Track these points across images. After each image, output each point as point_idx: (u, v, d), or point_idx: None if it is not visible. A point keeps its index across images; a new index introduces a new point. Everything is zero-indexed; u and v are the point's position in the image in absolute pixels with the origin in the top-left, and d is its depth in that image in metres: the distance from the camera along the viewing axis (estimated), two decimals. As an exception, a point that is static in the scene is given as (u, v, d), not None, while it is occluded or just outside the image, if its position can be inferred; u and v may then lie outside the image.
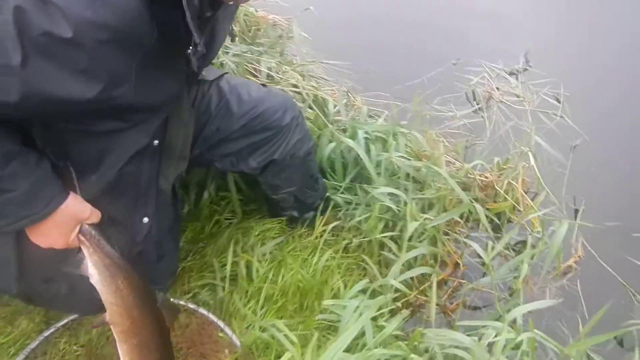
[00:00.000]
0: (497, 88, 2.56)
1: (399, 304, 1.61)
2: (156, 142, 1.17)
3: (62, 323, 1.47)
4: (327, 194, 1.81)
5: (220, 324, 1.48)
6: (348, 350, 1.28)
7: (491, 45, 2.83)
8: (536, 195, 1.98)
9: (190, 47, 1.00)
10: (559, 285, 1.77)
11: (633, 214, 2.08)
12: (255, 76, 2.10)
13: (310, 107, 2.05)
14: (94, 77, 0.89)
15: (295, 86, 2.06)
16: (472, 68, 2.68)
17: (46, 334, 1.44)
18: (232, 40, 1.76)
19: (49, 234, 1.05)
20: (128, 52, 0.92)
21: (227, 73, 1.52)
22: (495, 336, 1.27)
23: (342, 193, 1.84)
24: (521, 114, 2.45)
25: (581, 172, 2.22)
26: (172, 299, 1.52)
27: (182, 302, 1.52)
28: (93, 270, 1.06)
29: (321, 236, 1.71)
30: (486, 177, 2.01)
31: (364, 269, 1.66)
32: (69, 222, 1.05)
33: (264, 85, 2.14)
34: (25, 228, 1.04)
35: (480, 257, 1.75)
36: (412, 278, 1.67)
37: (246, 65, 2.07)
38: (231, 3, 1.09)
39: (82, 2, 0.83)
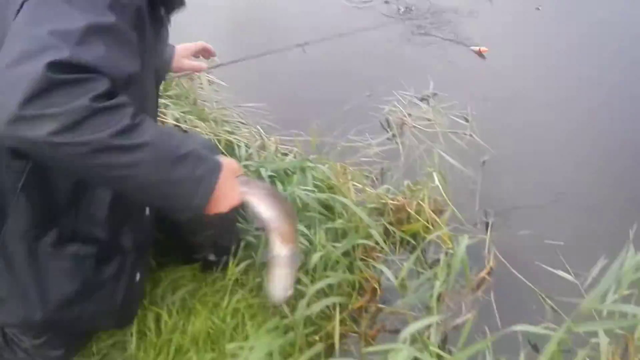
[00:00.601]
0: (409, 114, 2.67)
1: (316, 337, 1.61)
2: None
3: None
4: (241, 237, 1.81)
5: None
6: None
7: (402, 75, 2.95)
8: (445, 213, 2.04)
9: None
10: (474, 298, 1.81)
11: (543, 221, 2.17)
12: (163, 127, 2.12)
13: (222, 153, 2.08)
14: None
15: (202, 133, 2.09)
16: (385, 97, 2.78)
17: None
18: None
19: (227, 191, 1.06)
20: (139, 28, 1.04)
21: None
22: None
23: (254, 232, 1.84)
24: (433, 136, 2.55)
25: (492, 185, 2.32)
26: None
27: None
28: (268, 210, 1.14)
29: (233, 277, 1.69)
30: (398, 201, 2.06)
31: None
32: (231, 172, 1.09)
33: (184, 131, 2.17)
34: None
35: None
36: (329, 309, 1.68)
37: (152, 117, 2.08)
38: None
39: None
